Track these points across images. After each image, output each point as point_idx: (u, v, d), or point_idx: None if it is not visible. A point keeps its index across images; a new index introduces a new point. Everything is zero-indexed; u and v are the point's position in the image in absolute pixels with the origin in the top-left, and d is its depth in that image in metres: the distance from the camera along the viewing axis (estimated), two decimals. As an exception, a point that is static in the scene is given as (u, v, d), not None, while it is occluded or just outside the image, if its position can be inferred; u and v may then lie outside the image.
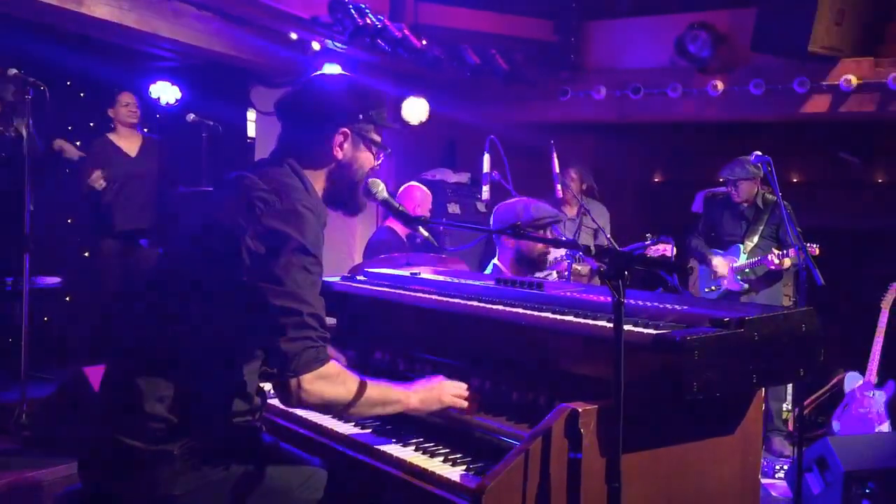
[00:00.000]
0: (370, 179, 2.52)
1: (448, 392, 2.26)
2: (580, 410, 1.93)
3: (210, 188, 5.35)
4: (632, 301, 2.35)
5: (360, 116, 2.23)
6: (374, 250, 5.18)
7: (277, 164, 2.19)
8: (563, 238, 4.96)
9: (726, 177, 5.66)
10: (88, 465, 2.08)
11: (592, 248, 2.02)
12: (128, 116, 5.90)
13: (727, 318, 2.04)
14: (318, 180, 2.22)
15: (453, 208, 6.76)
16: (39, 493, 3.90)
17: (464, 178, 7.16)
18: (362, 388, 2.09)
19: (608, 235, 5.38)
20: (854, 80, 5.81)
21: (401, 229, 5.33)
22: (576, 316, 2.29)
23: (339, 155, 2.22)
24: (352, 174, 2.26)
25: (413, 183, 5.73)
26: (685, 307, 2.28)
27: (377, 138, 2.29)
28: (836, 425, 5.47)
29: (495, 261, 3.89)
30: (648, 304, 2.33)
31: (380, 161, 2.34)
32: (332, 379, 2.03)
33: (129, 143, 5.97)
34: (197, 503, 2.00)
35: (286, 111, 2.25)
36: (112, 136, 5.94)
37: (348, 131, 2.21)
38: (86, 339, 6.23)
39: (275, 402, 2.61)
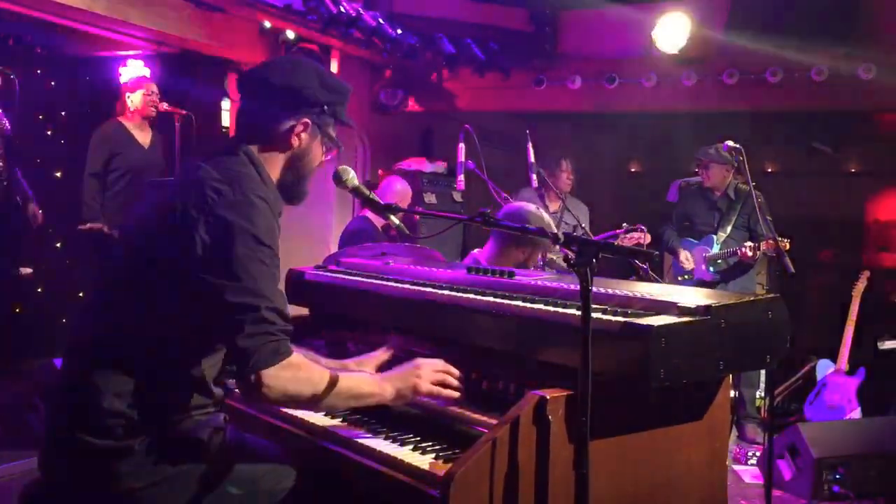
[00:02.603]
0: (341, 167, 2.51)
1: (426, 379, 2.20)
2: (548, 397, 1.94)
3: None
4: (601, 289, 2.36)
5: (325, 108, 2.19)
6: (349, 240, 5.17)
7: (233, 152, 2.13)
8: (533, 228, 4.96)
9: (699, 157, 5.72)
10: (48, 461, 2.04)
11: (561, 235, 2.02)
12: (149, 107, 5.62)
13: (694, 305, 2.06)
14: (274, 166, 2.18)
15: (429, 198, 6.75)
16: (9, 484, 3.87)
17: (440, 167, 7.15)
18: (329, 380, 2.03)
19: (587, 231, 5.41)
20: (826, 71, 5.85)
21: (376, 219, 5.32)
22: (545, 304, 2.30)
23: (296, 143, 2.18)
24: (303, 165, 2.21)
25: (393, 175, 5.72)
26: (654, 295, 2.29)
27: (333, 134, 2.25)
28: (807, 412, 5.54)
29: (475, 251, 3.89)
30: (618, 291, 2.34)
31: (329, 157, 2.28)
32: (294, 372, 1.97)
33: (142, 135, 5.72)
34: (159, 497, 1.96)
35: (251, 87, 2.22)
36: (125, 122, 5.66)
37: (309, 122, 2.17)
38: (57, 331, 6.16)
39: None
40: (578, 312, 1.90)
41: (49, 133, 6.67)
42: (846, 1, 5.77)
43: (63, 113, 6.63)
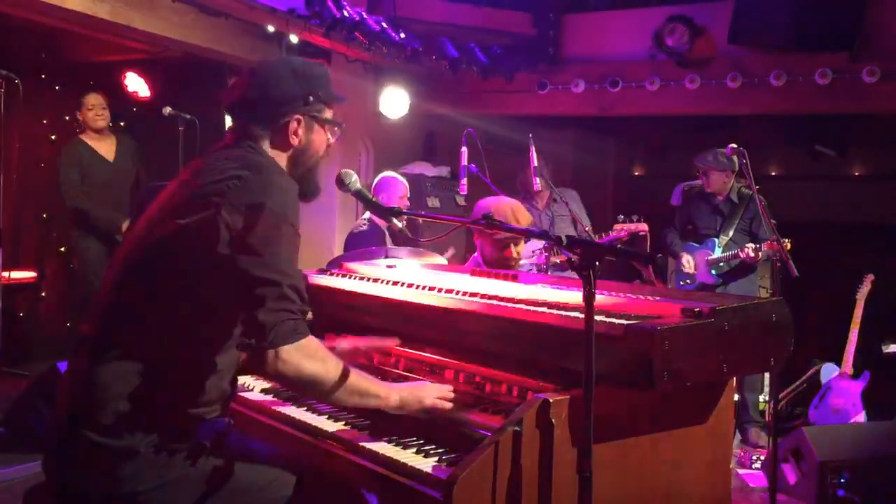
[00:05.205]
0: (343, 171, 2.52)
1: (431, 395, 2.23)
2: (552, 401, 1.94)
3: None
4: (604, 291, 2.36)
5: (311, 99, 2.20)
6: (353, 243, 5.15)
7: (240, 147, 2.15)
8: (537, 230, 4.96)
9: (698, 164, 5.73)
10: (52, 461, 2.04)
11: (564, 238, 2.02)
12: (94, 121, 5.71)
13: (698, 308, 2.05)
14: (279, 163, 2.19)
15: (433, 202, 6.75)
16: (12, 488, 3.87)
17: (443, 171, 7.15)
18: (342, 371, 2.07)
19: (583, 223, 5.42)
20: (830, 74, 5.84)
21: (381, 222, 5.29)
22: (549, 307, 2.29)
23: (295, 142, 2.20)
24: (308, 158, 2.24)
25: (389, 174, 5.59)
26: (657, 298, 2.28)
27: (329, 116, 2.26)
28: (812, 416, 5.52)
29: (477, 254, 3.90)
30: (621, 294, 2.34)
31: (335, 138, 2.30)
32: (310, 354, 2.00)
33: (104, 146, 5.77)
34: (162, 500, 1.96)
35: (236, 110, 2.22)
36: (86, 138, 5.74)
37: (301, 117, 2.19)
38: (61, 335, 6.17)
39: (245, 394, 2.60)
40: (581, 315, 1.90)
41: (53, 138, 6.69)
42: (850, 7, 5.76)
43: (67, 118, 6.64)
